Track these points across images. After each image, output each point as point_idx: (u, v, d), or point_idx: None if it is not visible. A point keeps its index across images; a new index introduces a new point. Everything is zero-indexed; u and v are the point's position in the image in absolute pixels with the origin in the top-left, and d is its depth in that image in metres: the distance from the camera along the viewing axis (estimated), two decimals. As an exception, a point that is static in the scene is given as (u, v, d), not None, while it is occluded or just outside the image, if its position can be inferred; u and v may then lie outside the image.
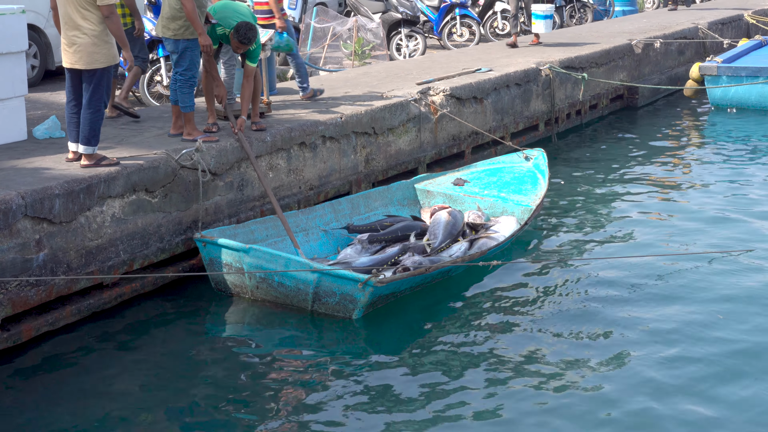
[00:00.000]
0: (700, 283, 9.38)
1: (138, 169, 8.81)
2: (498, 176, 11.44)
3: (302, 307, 8.65)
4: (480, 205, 10.79)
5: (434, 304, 9.00)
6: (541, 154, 11.69)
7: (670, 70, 19.57)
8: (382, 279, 8.44)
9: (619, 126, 16.74)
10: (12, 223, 7.73)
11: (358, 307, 8.44)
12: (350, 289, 8.41)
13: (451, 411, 7.02)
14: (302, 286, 8.58)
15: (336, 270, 8.60)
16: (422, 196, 11.12)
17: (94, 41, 8.58)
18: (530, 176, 11.35)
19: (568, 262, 9.89)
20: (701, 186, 12.79)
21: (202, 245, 8.92)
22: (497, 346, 8.06)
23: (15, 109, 9.72)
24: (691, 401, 7.16)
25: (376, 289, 8.39)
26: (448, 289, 9.27)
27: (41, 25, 14.22)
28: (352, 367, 7.81)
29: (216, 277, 9.02)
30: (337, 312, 8.54)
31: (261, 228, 9.42)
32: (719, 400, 7.18)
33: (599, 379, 7.46)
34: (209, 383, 7.53)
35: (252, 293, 8.88)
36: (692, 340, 8.17)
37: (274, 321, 8.70)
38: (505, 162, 11.75)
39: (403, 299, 8.93)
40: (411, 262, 9.07)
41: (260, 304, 8.85)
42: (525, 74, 14.78)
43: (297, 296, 8.64)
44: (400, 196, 11.00)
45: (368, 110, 11.58)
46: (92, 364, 7.76)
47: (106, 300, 8.61)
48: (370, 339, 8.43)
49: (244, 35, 9.70)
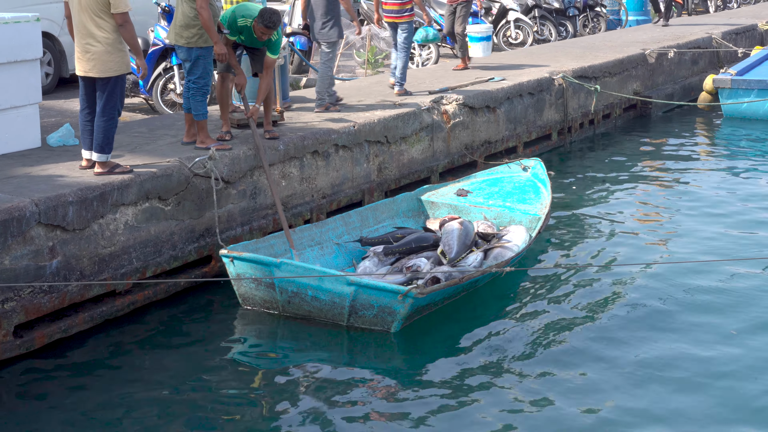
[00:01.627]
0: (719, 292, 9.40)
1: (151, 176, 8.82)
2: (499, 186, 11.41)
3: (337, 321, 8.50)
4: (486, 215, 10.74)
5: (467, 316, 8.91)
6: (539, 164, 11.68)
7: (683, 79, 19.53)
8: (423, 290, 8.32)
9: (633, 136, 16.70)
10: (25, 230, 7.75)
11: (397, 320, 8.33)
12: (389, 301, 8.28)
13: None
14: (338, 300, 8.43)
15: (375, 282, 8.48)
16: (427, 208, 11.08)
17: (108, 49, 8.61)
18: (531, 186, 11.33)
19: (591, 270, 9.89)
20: (715, 195, 12.75)
21: (230, 260, 8.74)
22: (538, 359, 7.98)
23: (29, 116, 9.75)
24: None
25: (416, 300, 8.29)
26: (477, 301, 9.23)
27: (55, 33, 14.26)
28: (393, 383, 7.71)
29: (244, 293, 8.86)
30: (374, 325, 8.41)
31: (279, 242, 9.33)
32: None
33: (650, 394, 7.42)
34: (228, 395, 7.48)
35: (283, 308, 8.70)
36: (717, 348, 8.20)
37: (295, 330, 8.58)
38: (504, 172, 11.73)
39: (434, 313, 8.81)
40: (441, 274, 8.96)
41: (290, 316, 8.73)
42: (538, 83, 14.77)
43: (332, 310, 8.49)
44: (405, 208, 10.95)
45: (381, 119, 11.58)
46: (105, 372, 7.76)
47: (118, 307, 8.62)
48: (410, 353, 8.31)
49: (269, 19, 9.64)
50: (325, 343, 8.44)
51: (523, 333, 8.51)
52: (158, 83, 13.06)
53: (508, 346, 8.25)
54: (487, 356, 8.08)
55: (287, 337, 8.59)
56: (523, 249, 9.68)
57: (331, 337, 8.46)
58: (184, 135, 10.12)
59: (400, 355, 8.32)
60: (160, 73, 13.07)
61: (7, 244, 7.61)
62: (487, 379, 7.65)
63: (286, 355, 8.33)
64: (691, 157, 15.20)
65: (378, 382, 7.72)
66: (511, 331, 8.59)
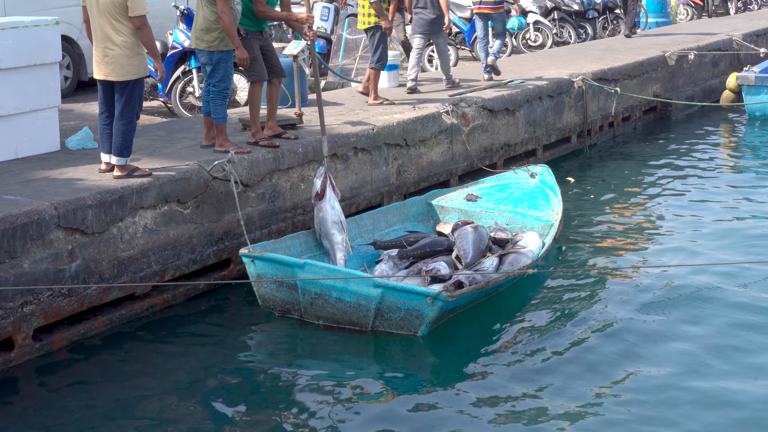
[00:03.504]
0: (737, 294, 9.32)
1: (170, 180, 8.82)
2: (508, 192, 11.35)
3: (362, 324, 8.42)
4: (498, 220, 10.67)
5: (489, 322, 8.87)
6: (547, 171, 11.63)
7: (704, 82, 19.43)
8: (452, 293, 8.26)
9: (653, 138, 16.62)
10: (45, 233, 7.75)
11: (424, 323, 8.25)
12: (418, 304, 8.21)
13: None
14: (364, 302, 8.33)
15: (403, 284, 8.40)
16: (436, 212, 11.01)
17: (127, 53, 8.62)
18: (540, 192, 11.26)
19: (614, 272, 9.84)
20: (740, 196, 12.68)
21: (250, 260, 8.66)
22: (561, 364, 7.92)
23: (48, 119, 9.76)
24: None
25: (445, 303, 8.23)
26: (497, 306, 9.19)
27: (74, 37, 14.30)
28: (423, 388, 7.65)
29: (264, 294, 8.77)
30: (400, 329, 8.33)
31: (296, 243, 9.31)
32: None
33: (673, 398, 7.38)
34: (245, 401, 7.46)
35: (305, 310, 8.61)
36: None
37: (316, 335, 8.52)
38: (511, 178, 11.68)
39: (458, 317, 8.75)
40: (465, 278, 8.92)
41: (302, 320, 8.67)
42: (557, 86, 14.71)
43: (357, 313, 8.40)
44: (415, 212, 10.89)
45: (400, 122, 11.56)
46: (124, 376, 7.76)
47: (137, 311, 8.62)
48: (439, 357, 8.24)
49: None
50: (348, 348, 8.37)
51: (549, 338, 8.44)
52: (177, 86, 13.06)
53: (538, 353, 8.16)
54: (518, 361, 8.01)
55: (308, 342, 8.52)
56: (539, 255, 9.62)
57: (355, 341, 8.39)
58: (203, 138, 10.11)
59: (427, 359, 8.25)
60: (179, 76, 13.07)
61: (26, 248, 7.62)
62: (519, 385, 7.58)
63: (308, 359, 8.27)
64: (713, 158, 15.11)
65: (406, 387, 7.64)
66: (538, 335, 8.52)
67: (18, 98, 9.37)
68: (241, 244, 9.23)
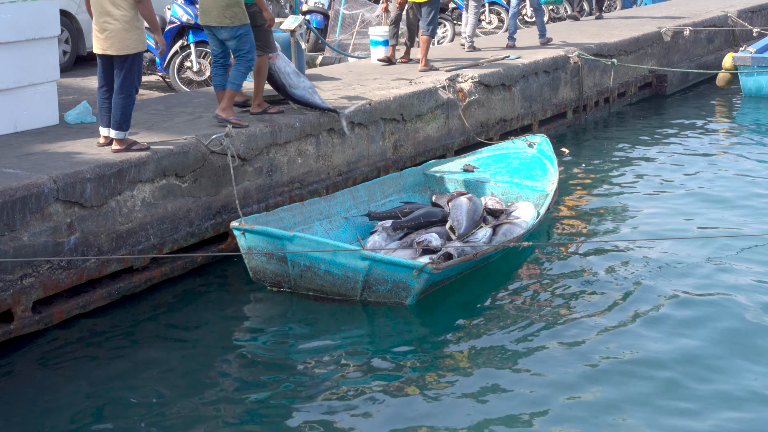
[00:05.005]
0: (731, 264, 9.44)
1: (168, 154, 8.88)
2: (505, 162, 11.41)
3: (350, 295, 8.53)
4: (494, 190, 10.74)
5: (481, 289, 8.98)
6: (545, 140, 11.67)
7: (699, 58, 19.48)
8: (438, 266, 8.37)
9: (648, 113, 16.69)
10: (44, 206, 7.82)
11: (411, 295, 8.37)
12: (404, 276, 8.32)
13: (514, 402, 6.99)
14: (351, 274, 8.44)
15: (389, 257, 8.51)
16: (433, 183, 11.07)
17: (126, 27, 8.65)
18: (537, 162, 11.33)
19: (603, 245, 9.92)
20: (733, 171, 12.77)
21: (240, 233, 8.75)
22: (552, 331, 8.02)
23: (47, 94, 9.80)
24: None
25: (431, 276, 8.34)
26: (489, 273, 9.29)
27: (73, 11, 14.32)
28: (412, 357, 7.74)
29: (255, 266, 8.84)
30: (388, 300, 8.45)
31: (289, 215, 9.39)
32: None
33: (658, 368, 7.46)
34: (241, 373, 7.54)
35: (294, 283, 8.71)
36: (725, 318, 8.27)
37: (314, 308, 8.58)
38: (509, 148, 11.73)
39: (448, 285, 8.87)
40: (453, 249, 9.01)
41: (297, 294, 8.75)
42: (554, 61, 14.75)
43: (345, 285, 8.51)
44: (411, 183, 10.95)
45: (397, 97, 11.61)
46: (122, 348, 7.83)
47: (136, 283, 8.69)
48: (427, 325, 8.34)
49: None
50: (339, 317, 8.46)
51: (533, 305, 8.58)
52: (175, 61, 13.10)
53: (521, 319, 8.31)
54: (503, 328, 8.14)
55: (301, 313, 8.59)
56: (532, 225, 9.71)
57: (346, 311, 8.49)
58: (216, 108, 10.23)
59: (416, 327, 8.35)
60: (177, 50, 13.11)
61: (25, 221, 7.68)
62: (504, 351, 7.72)
63: (301, 331, 8.34)
64: (708, 133, 15.18)
65: (396, 355, 7.74)
66: (524, 303, 8.67)
67: (17, 72, 9.40)
68: (238, 217, 9.29)
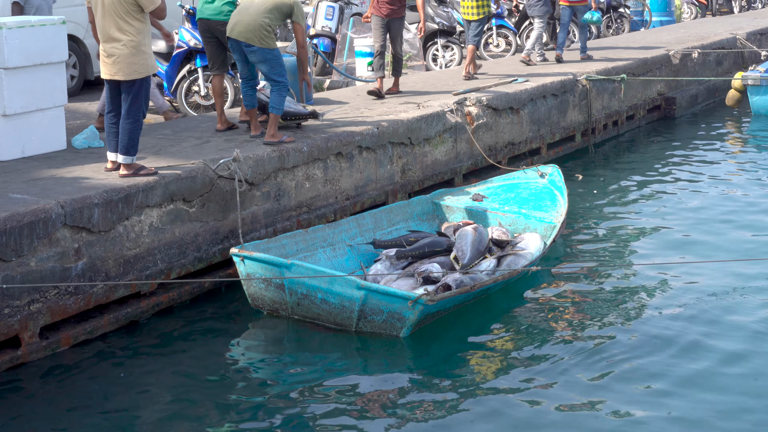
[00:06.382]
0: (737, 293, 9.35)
1: (176, 178, 8.86)
2: (515, 192, 11.34)
3: (346, 325, 8.47)
4: (501, 221, 10.65)
5: (477, 322, 8.86)
6: (557, 171, 11.60)
7: (707, 81, 19.44)
8: (433, 297, 8.29)
9: (657, 136, 16.64)
10: (51, 232, 7.80)
11: (406, 326, 8.28)
12: (399, 307, 8.25)
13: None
14: (347, 304, 8.39)
15: (385, 287, 8.47)
16: (441, 211, 11.00)
17: (133, 52, 8.67)
18: (547, 192, 11.25)
19: (607, 273, 9.83)
20: (743, 195, 12.69)
21: (240, 260, 8.75)
22: (545, 364, 7.90)
23: (55, 118, 9.81)
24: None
25: (426, 307, 8.25)
26: (488, 307, 9.17)
27: (81, 36, 14.35)
28: (402, 387, 7.66)
29: (254, 293, 8.85)
30: (383, 330, 8.37)
31: (292, 242, 9.34)
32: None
33: (660, 405, 7.34)
34: (249, 401, 7.48)
35: (291, 310, 8.68)
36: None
37: (316, 337, 8.55)
38: (521, 178, 11.66)
39: (444, 318, 8.76)
40: (452, 280, 8.91)
41: (298, 320, 8.72)
42: (562, 84, 14.74)
43: (341, 314, 8.46)
44: (420, 211, 10.89)
45: (405, 120, 11.59)
46: (129, 374, 7.80)
47: (143, 309, 8.66)
48: (420, 357, 8.25)
49: None
50: (335, 347, 8.42)
51: (531, 338, 8.45)
52: (183, 85, 13.10)
53: (518, 351, 8.20)
54: (497, 361, 8.06)
55: (305, 341, 8.56)
56: (536, 257, 9.61)
57: (341, 341, 8.43)
58: (252, 129, 10.53)
59: (409, 359, 8.27)
60: (185, 75, 13.11)
61: (33, 246, 7.66)
62: (496, 383, 7.64)
63: (301, 359, 8.29)
64: (719, 157, 15.07)
65: (387, 386, 7.68)
66: (521, 336, 8.55)
67: (25, 97, 9.41)
68: (246, 242, 9.27)
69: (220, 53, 10.90)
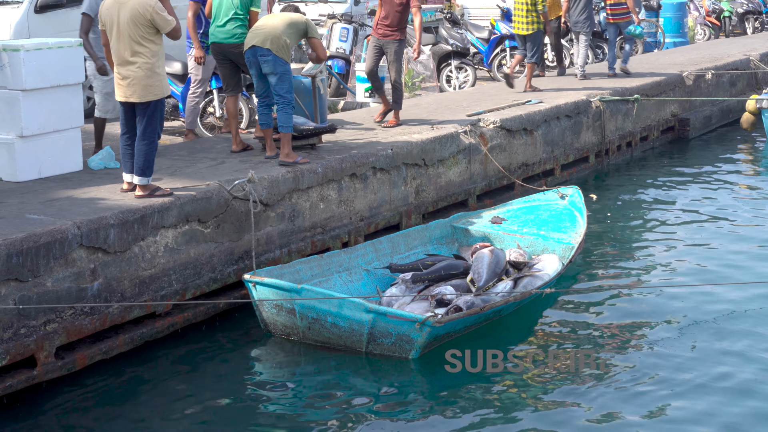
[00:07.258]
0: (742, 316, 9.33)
1: (191, 199, 8.90)
2: (535, 214, 11.32)
3: (356, 348, 8.49)
4: (520, 243, 10.64)
5: (488, 343, 8.78)
6: (577, 192, 11.58)
7: (721, 101, 19.42)
8: (440, 319, 8.29)
9: (671, 158, 16.62)
10: (68, 252, 7.84)
11: (414, 348, 8.31)
12: (407, 330, 8.27)
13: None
14: (357, 327, 8.42)
15: (393, 310, 8.49)
16: (460, 235, 11.00)
17: (147, 74, 8.73)
18: (567, 214, 11.23)
19: (622, 294, 9.81)
20: (757, 217, 12.65)
21: (252, 285, 8.77)
22: (555, 389, 7.88)
23: (71, 140, 9.87)
24: None
25: (433, 329, 8.26)
26: (501, 328, 9.15)
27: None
28: (412, 410, 7.66)
29: (266, 318, 8.87)
30: (392, 353, 8.39)
31: (306, 268, 9.35)
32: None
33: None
34: (263, 422, 7.51)
35: (303, 334, 8.70)
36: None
37: (327, 360, 8.57)
38: (541, 200, 11.63)
39: (456, 340, 8.73)
40: (463, 302, 8.89)
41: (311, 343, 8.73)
42: (575, 106, 14.76)
43: (351, 337, 8.49)
44: (438, 235, 10.87)
45: (418, 142, 11.62)
46: (144, 394, 7.83)
47: (158, 329, 8.68)
48: (430, 379, 8.25)
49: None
50: (345, 369, 8.43)
51: (543, 360, 8.42)
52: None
53: (529, 374, 8.16)
54: (508, 384, 8.01)
55: (317, 363, 8.56)
56: (553, 278, 9.59)
57: (352, 363, 8.45)
58: (267, 150, 10.52)
59: (419, 381, 8.28)
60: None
61: (49, 267, 7.70)
62: (507, 407, 7.61)
63: (313, 382, 8.30)
64: (733, 179, 15.01)
65: (397, 408, 7.68)
66: (533, 357, 8.50)
67: (42, 118, 9.48)
68: (261, 263, 9.31)
69: (234, 74, 10.96)
